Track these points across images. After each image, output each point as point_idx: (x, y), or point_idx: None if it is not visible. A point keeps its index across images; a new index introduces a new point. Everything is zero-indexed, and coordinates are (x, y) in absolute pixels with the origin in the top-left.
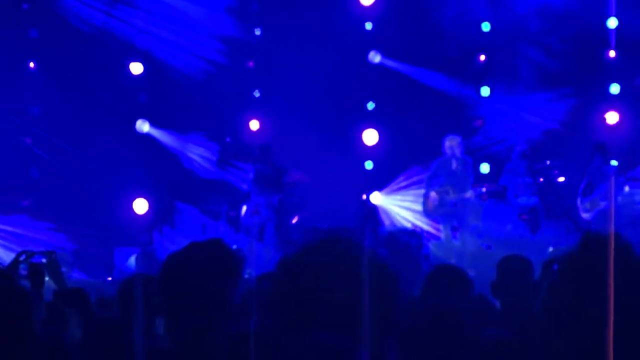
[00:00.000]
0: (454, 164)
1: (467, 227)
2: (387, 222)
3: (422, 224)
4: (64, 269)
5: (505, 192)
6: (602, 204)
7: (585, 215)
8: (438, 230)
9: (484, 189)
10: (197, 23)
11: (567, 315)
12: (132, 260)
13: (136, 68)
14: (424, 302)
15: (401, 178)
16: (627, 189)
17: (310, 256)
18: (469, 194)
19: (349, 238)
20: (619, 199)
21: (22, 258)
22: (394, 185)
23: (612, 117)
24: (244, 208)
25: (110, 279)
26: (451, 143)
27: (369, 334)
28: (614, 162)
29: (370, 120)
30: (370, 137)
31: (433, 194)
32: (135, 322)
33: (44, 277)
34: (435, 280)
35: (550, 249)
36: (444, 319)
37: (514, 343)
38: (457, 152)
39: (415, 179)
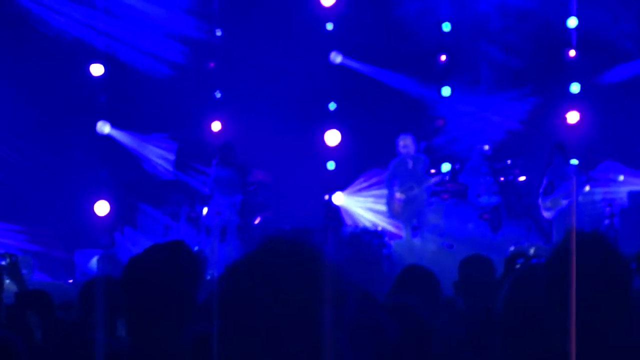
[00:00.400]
0: (410, 163)
1: (428, 226)
2: (349, 222)
3: (384, 223)
4: (24, 271)
5: (466, 192)
6: (564, 203)
7: (546, 214)
8: (400, 229)
9: (443, 183)
10: (157, 24)
11: (535, 312)
12: (93, 262)
13: (97, 69)
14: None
15: (363, 178)
16: (587, 188)
17: (253, 259)
18: (414, 191)
19: (291, 238)
20: (580, 198)
21: None
22: (356, 186)
23: (572, 117)
24: (205, 209)
25: (71, 281)
26: (404, 142)
27: (315, 335)
28: (574, 161)
29: (332, 121)
30: (332, 137)
31: (399, 195)
32: (97, 324)
33: (3, 280)
34: (404, 281)
35: (512, 248)
36: (404, 318)
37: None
38: (411, 150)
39: (377, 179)
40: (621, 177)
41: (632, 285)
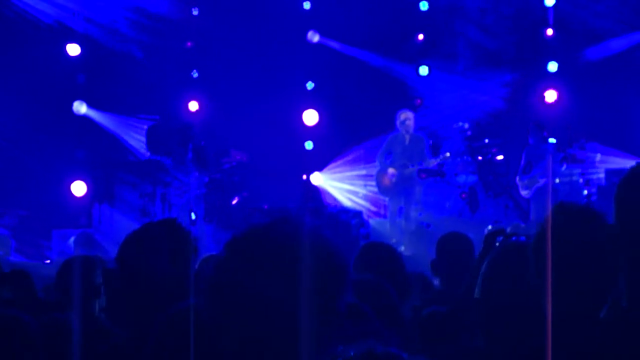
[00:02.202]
0: (407, 139)
1: (412, 205)
2: (327, 202)
3: (363, 202)
4: (2, 252)
5: (443, 171)
6: (541, 182)
7: (524, 193)
8: (380, 208)
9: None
10: (134, 3)
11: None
12: (70, 242)
13: (73, 49)
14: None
15: (341, 158)
16: (564, 167)
17: (259, 237)
18: (409, 170)
19: (296, 219)
20: (558, 176)
21: None
22: (334, 165)
23: (550, 95)
24: (176, 189)
25: (49, 261)
26: (405, 117)
27: (315, 317)
28: (552, 140)
29: (310, 100)
30: (310, 117)
31: (391, 170)
32: (75, 303)
33: None
34: (365, 257)
35: (490, 226)
36: (369, 294)
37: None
38: (411, 127)
39: (354, 157)
40: (598, 156)
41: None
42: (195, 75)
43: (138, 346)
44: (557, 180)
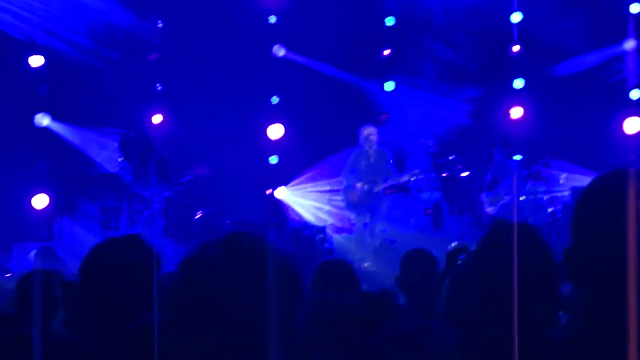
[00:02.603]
0: (372, 156)
1: (378, 221)
2: (292, 217)
3: (328, 218)
4: None
5: (408, 187)
6: (506, 199)
7: (489, 210)
8: (344, 224)
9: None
10: (97, 15)
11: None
12: (31, 255)
13: (36, 61)
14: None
15: (306, 172)
16: (530, 184)
17: (212, 253)
18: (378, 186)
19: (251, 234)
20: (522, 193)
21: None
22: (299, 180)
23: (516, 112)
24: (138, 203)
25: (9, 275)
26: (368, 133)
27: (271, 332)
28: (517, 157)
29: (275, 115)
30: (275, 131)
31: (359, 185)
32: (34, 317)
33: None
34: (322, 276)
35: (454, 243)
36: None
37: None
38: (374, 142)
39: (319, 172)
40: (563, 176)
41: (558, 279)
42: (160, 88)
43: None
44: (522, 198)
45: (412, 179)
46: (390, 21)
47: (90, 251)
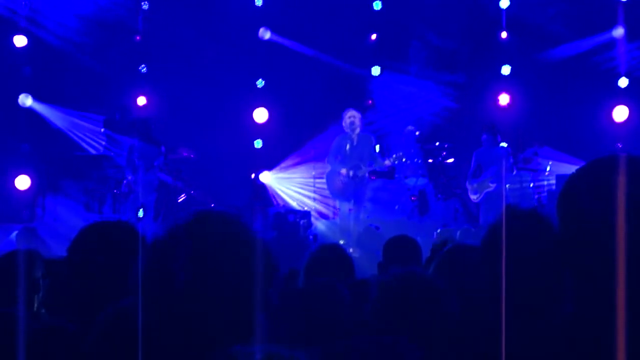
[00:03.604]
0: (355, 140)
1: (362, 207)
2: (275, 202)
3: (312, 203)
4: None
5: (393, 173)
6: (491, 186)
7: (473, 197)
8: (329, 209)
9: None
10: None
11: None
12: (13, 236)
13: (20, 41)
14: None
15: (290, 157)
16: (514, 172)
17: (179, 233)
18: (363, 171)
19: (220, 212)
20: (508, 181)
21: None
22: (283, 165)
23: (503, 99)
24: (122, 185)
25: None
26: (351, 118)
27: (243, 308)
28: (503, 144)
29: (260, 98)
30: (260, 115)
31: (344, 171)
32: (17, 297)
33: None
34: (319, 260)
35: (438, 230)
36: (324, 298)
37: None
38: (358, 126)
39: (304, 157)
40: (549, 166)
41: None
42: (144, 70)
43: (80, 341)
44: (507, 186)
45: (395, 162)
46: (377, 5)
47: (80, 232)
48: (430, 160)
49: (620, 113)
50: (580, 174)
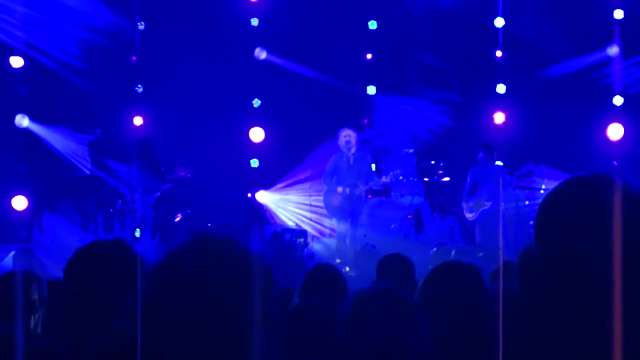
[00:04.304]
0: (351, 159)
1: (359, 226)
2: (272, 221)
3: (308, 222)
4: None
5: (389, 191)
6: (487, 205)
7: (469, 216)
8: (325, 228)
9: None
10: (78, 16)
11: None
12: (9, 257)
13: (16, 62)
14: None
15: (287, 176)
16: (512, 189)
17: (179, 257)
18: (360, 189)
19: (218, 234)
20: (504, 200)
21: None
22: (280, 184)
23: (498, 117)
24: (120, 205)
25: None
26: (347, 137)
27: (242, 330)
28: (499, 163)
29: (257, 118)
30: (256, 134)
31: (341, 190)
32: (15, 318)
33: None
34: (313, 279)
35: (434, 249)
36: (319, 317)
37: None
38: (353, 145)
39: (301, 176)
40: (545, 181)
41: None
42: (140, 90)
43: None
44: (503, 205)
45: (392, 180)
46: (372, 25)
47: (75, 253)
48: (426, 179)
49: (615, 131)
50: (556, 191)
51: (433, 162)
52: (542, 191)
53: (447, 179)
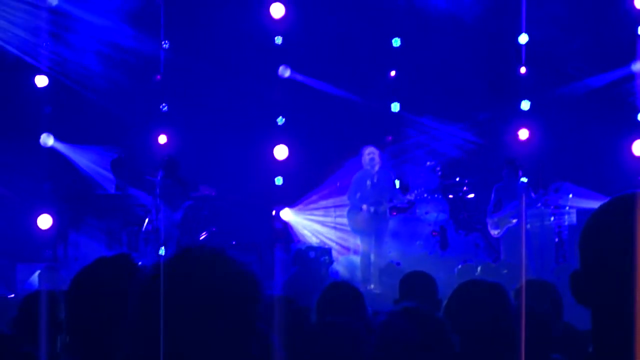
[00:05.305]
0: (375, 177)
1: (383, 243)
2: (296, 238)
3: (333, 240)
4: None
5: (414, 208)
6: (513, 222)
7: (493, 232)
8: (350, 245)
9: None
10: (104, 35)
11: None
12: (35, 276)
13: (41, 81)
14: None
15: (311, 194)
16: (538, 205)
17: (166, 270)
18: (384, 207)
19: (206, 247)
20: (529, 216)
21: None
22: (304, 201)
23: (523, 134)
24: (145, 223)
25: (12, 295)
26: (370, 155)
27: (231, 342)
28: (523, 179)
29: (281, 135)
30: (280, 152)
31: (364, 207)
32: (39, 337)
33: None
34: (329, 297)
35: (459, 266)
36: (340, 337)
37: None
38: (377, 163)
39: (324, 193)
40: (570, 196)
41: None
42: (165, 108)
43: None
44: (529, 224)
45: (415, 196)
46: (396, 42)
47: (79, 272)
48: (450, 196)
49: None
50: (602, 210)
51: (458, 178)
52: (567, 208)
53: (471, 195)
